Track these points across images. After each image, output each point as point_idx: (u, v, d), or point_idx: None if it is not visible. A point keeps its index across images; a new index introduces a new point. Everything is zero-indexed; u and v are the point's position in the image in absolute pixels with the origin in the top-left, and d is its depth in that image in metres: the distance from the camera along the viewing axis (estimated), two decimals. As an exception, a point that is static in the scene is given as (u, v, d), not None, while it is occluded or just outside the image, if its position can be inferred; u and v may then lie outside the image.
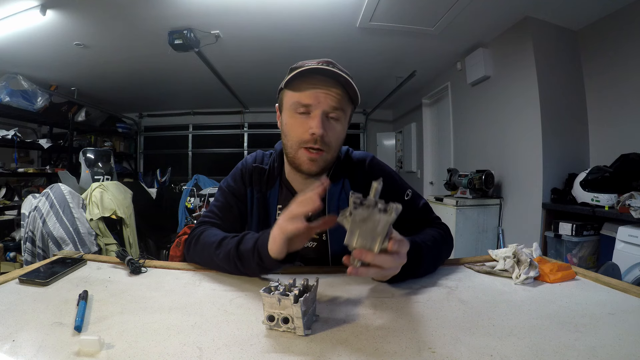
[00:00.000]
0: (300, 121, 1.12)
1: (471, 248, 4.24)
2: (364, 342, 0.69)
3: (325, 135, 1.10)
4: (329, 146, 1.13)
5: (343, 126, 1.17)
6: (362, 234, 0.78)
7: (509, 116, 4.23)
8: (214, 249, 1.07)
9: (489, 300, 0.90)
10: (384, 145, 8.33)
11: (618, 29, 3.47)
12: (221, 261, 1.06)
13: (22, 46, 4.32)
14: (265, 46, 4.62)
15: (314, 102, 1.09)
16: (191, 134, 8.96)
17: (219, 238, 1.09)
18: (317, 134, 1.08)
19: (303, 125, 1.11)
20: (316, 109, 1.09)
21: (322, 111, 1.09)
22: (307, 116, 1.11)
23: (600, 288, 0.98)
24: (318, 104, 1.09)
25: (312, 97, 1.09)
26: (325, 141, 1.11)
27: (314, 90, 1.09)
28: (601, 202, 3.13)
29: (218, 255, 1.06)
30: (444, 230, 1.24)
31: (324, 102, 1.09)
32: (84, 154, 4.55)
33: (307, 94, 1.09)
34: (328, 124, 1.12)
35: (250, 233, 1.05)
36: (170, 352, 0.65)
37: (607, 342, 0.68)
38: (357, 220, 0.78)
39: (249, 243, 0.99)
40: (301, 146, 1.13)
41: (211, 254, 1.09)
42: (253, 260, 0.96)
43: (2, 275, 1.02)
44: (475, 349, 0.66)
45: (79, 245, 3.19)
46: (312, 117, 1.10)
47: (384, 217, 0.77)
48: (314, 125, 1.08)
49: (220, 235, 1.11)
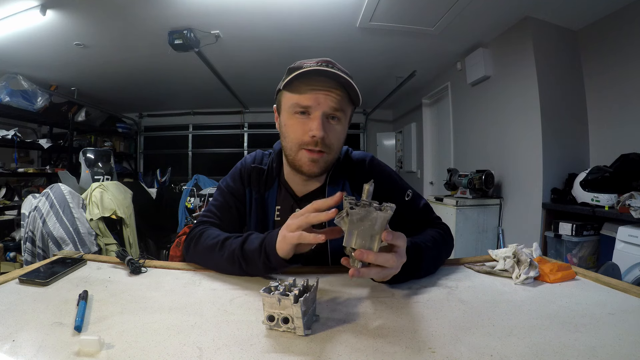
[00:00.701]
0: (300, 122, 1.11)
1: (471, 248, 4.24)
2: (364, 342, 0.69)
3: (326, 137, 1.09)
4: (329, 147, 1.12)
5: (343, 127, 1.16)
6: (360, 234, 0.79)
7: (509, 116, 4.23)
8: (217, 250, 1.07)
9: (489, 300, 0.90)
10: (384, 145, 8.34)
11: (618, 28, 3.48)
12: (224, 261, 1.05)
13: (22, 46, 4.33)
14: (265, 46, 4.63)
15: (313, 103, 1.08)
16: (191, 134, 8.97)
17: (220, 238, 1.08)
18: (317, 136, 1.07)
19: (303, 127, 1.10)
20: (316, 110, 1.08)
21: (322, 112, 1.08)
22: (306, 117, 1.10)
23: (600, 288, 0.98)
24: (318, 106, 1.08)
25: (312, 99, 1.07)
26: (326, 143, 1.10)
27: (313, 92, 1.07)
28: (601, 202, 3.13)
29: (222, 256, 1.05)
30: (444, 231, 1.23)
31: (324, 104, 1.08)
32: (84, 154, 4.56)
33: (306, 96, 1.08)
34: (328, 125, 1.10)
35: (255, 233, 1.05)
36: (170, 352, 0.65)
37: (607, 342, 0.68)
38: (354, 220, 0.78)
39: (254, 243, 0.99)
40: (301, 147, 1.12)
41: (213, 255, 1.08)
42: (260, 259, 0.96)
43: (2, 275, 1.02)
44: (475, 349, 0.66)
45: (79, 245, 3.19)
46: (312, 119, 1.08)
47: (381, 214, 0.77)
48: (314, 128, 1.07)
49: (221, 235, 1.11)
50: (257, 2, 3.53)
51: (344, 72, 1.09)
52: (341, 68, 1.11)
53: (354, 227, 0.79)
